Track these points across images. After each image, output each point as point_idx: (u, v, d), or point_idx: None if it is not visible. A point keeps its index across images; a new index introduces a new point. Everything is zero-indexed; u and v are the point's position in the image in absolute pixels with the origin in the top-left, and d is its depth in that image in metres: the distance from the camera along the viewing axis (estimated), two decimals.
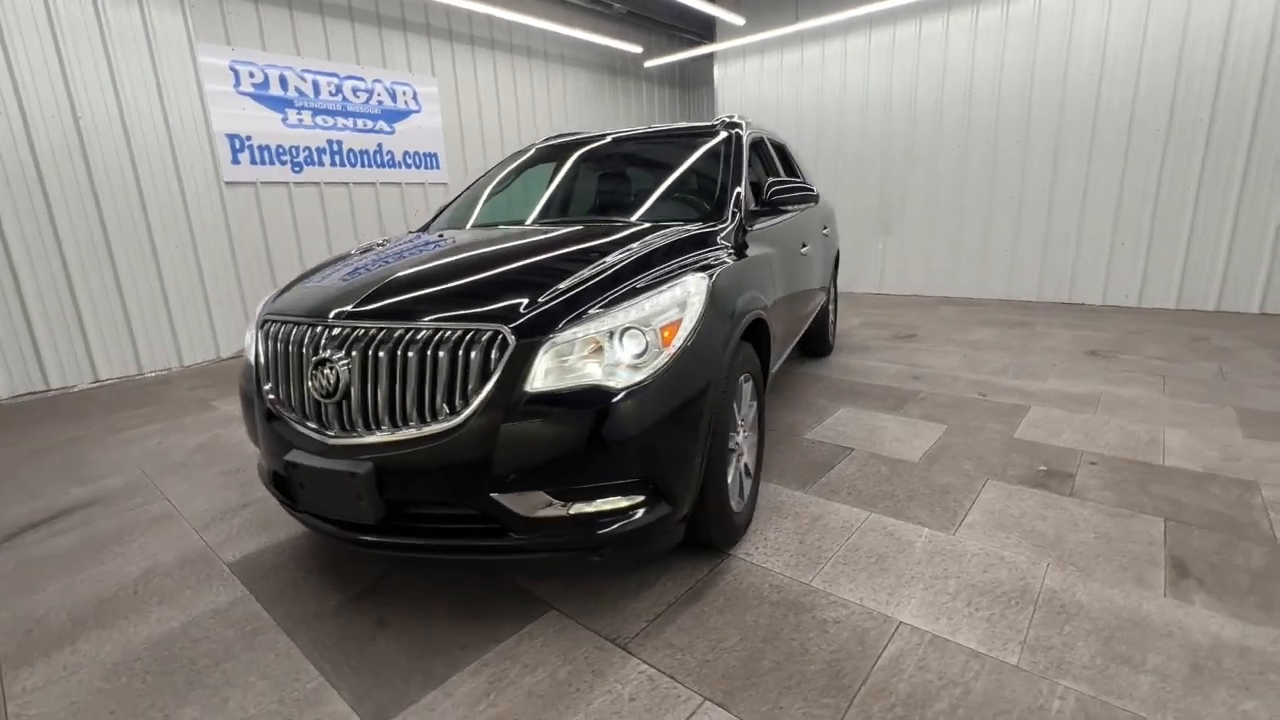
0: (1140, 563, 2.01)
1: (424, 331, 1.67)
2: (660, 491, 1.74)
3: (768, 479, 2.76)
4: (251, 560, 2.28)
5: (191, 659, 1.78)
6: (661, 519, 1.75)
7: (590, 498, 1.67)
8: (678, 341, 1.74)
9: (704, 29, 9.52)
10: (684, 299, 1.82)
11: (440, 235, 2.64)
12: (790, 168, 4.14)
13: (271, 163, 5.96)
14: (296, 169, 6.13)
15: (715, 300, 1.93)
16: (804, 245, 3.37)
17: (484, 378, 1.61)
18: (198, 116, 5.47)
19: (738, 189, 2.63)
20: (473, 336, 1.64)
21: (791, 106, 8.49)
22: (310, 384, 1.74)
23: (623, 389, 1.63)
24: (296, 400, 1.82)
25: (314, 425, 1.76)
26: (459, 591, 2.02)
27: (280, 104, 5.95)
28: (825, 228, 4.25)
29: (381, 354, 1.68)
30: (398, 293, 1.83)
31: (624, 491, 1.69)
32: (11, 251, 4.68)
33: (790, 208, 2.70)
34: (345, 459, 1.67)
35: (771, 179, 2.70)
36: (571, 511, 1.66)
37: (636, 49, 8.77)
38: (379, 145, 6.74)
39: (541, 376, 1.61)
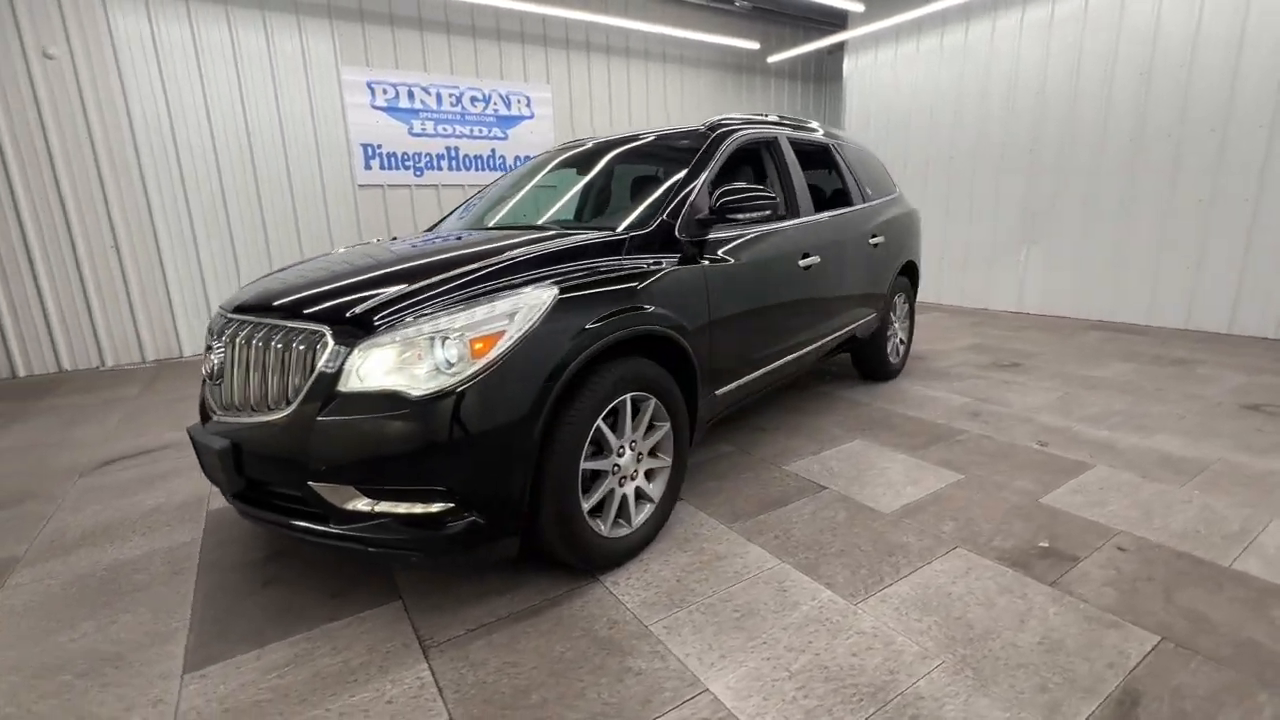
0: (1073, 688, 1.54)
1: (268, 328, 1.84)
2: (469, 503, 1.72)
3: (705, 506, 2.55)
4: (226, 512, 2.67)
5: (122, 583, 2.15)
6: (471, 531, 1.73)
7: (396, 499, 1.71)
8: (494, 353, 1.70)
9: (835, 18, 8.86)
10: (513, 310, 1.77)
11: (395, 238, 2.83)
12: (835, 171, 3.74)
13: (397, 168, 6.78)
14: (418, 173, 6.91)
15: (564, 313, 1.85)
16: (806, 257, 3.03)
17: (308, 374, 1.73)
18: (339, 129, 6.42)
19: (683, 195, 2.46)
20: (303, 335, 1.77)
21: (926, 97, 7.58)
22: (203, 367, 2.01)
23: (424, 396, 1.64)
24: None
25: (211, 403, 2.03)
26: (344, 569, 2.18)
27: (407, 115, 6.74)
28: (877, 236, 3.76)
29: (240, 345, 1.88)
30: (282, 292, 2.02)
31: (429, 498, 1.71)
32: (199, 243, 5.92)
33: (742, 216, 2.45)
34: (216, 435, 1.90)
35: (724, 187, 2.48)
36: (378, 509, 1.72)
37: (753, 45, 8.46)
38: (492, 150, 7.33)
39: (354, 377, 1.68)
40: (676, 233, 2.37)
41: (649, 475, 2.26)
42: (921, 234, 4.67)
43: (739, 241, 2.68)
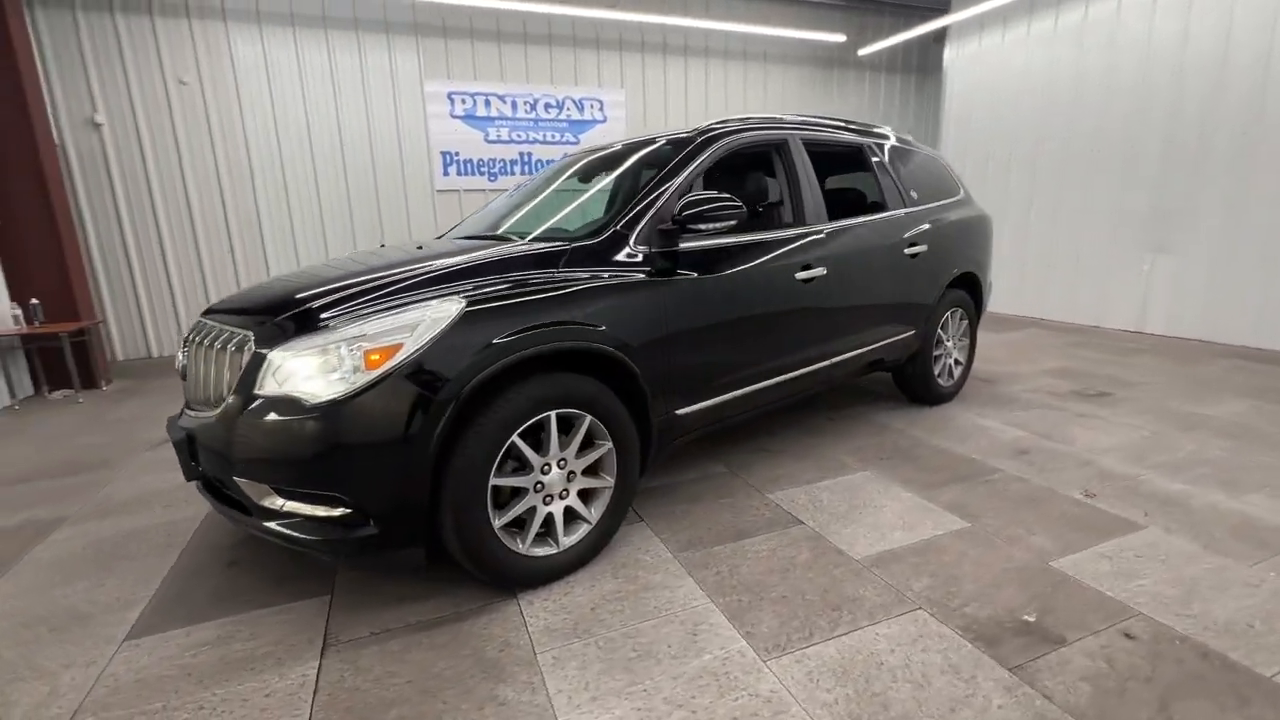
0: None
1: (217, 331, 1.99)
2: (365, 511, 1.75)
3: (663, 531, 2.43)
4: None
5: (127, 549, 2.43)
6: (369, 538, 1.77)
7: (302, 500, 1.78)
8: (389, 364, 1.72)
9: (935, 3, 8.11)
10: (415, 323, 1.77)
11: (382, 245, 2.94)
12: (870, 174, 3.40)
13: (473, 174, 7.14)
14: (492, 178, 7.23)
15: (470, 327, 1.82)
16: (808, 269, 2.78)
17: (235, 375, 1.85)
18: (421, 138, 6.87)
19: (644, 204, 2.34)
20: (237, 339, 1.89)
21: (1038, 85, 6.73)
22: (175, 364, 2.22)
23: (318, 403, 1.69)
24: None
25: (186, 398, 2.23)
26: (300, 559, 2.32)
27: (483, 123, 7.08)
28: (916, 246, 3.38)
29: (196, 345, 2.05)
30: (242, 298, 2.17)
31: (330, 502, 1.76)
32: (298, 248, 6.61)
33: (705, 226, 2.27)
34: (179, 427, 2.09)
35: (689, 196, 2.32)
36: (284, 508, 1.80)
37: (839, 38, 7.95)
38: (564, 155, 7.50)
39: (269, 380, 1.77)
40: (633, 243, 2.27)
41: (585, 495, 2.19)
42: (991, 240, 4.14)
43: (718, 252, 2.52)
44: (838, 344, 3.03)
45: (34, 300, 4.72)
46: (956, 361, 3.98)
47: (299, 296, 1.96)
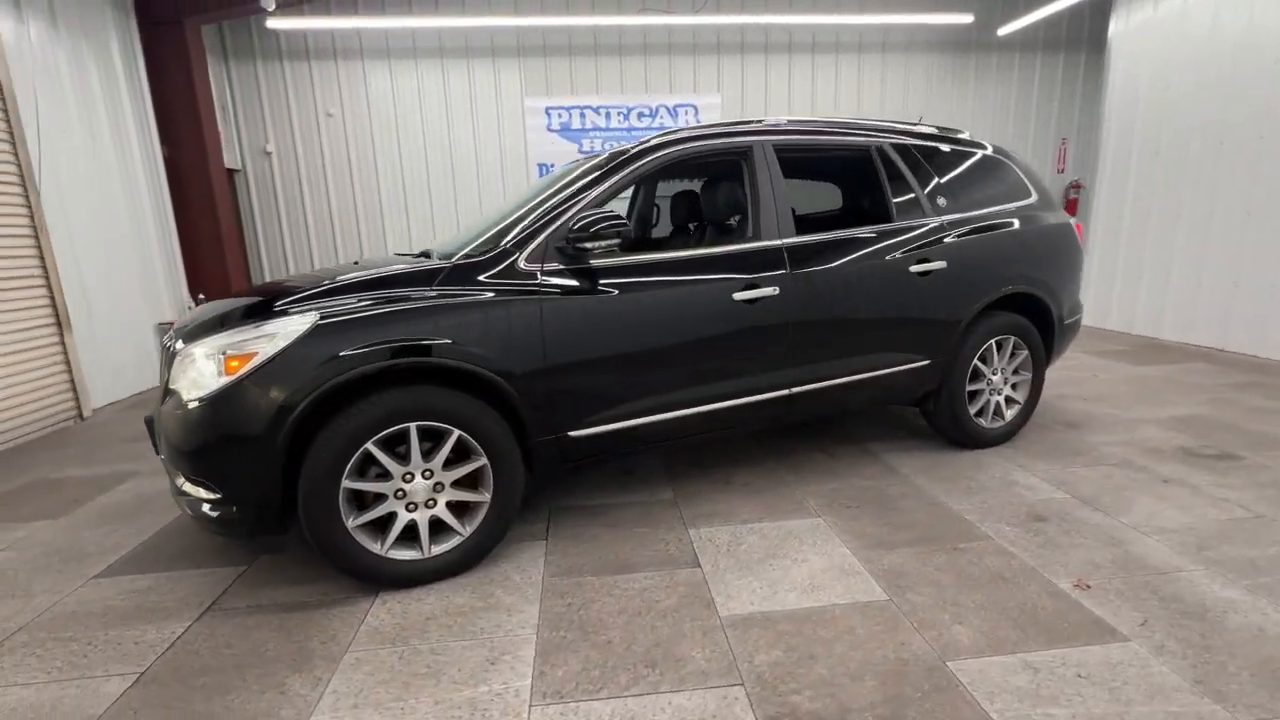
0: None
1: (169, 333, 2.37)
2: (229, 499, 1.98)
3: (556, 551, 2.39)
4: None
5: (153, 505, 2.99)
6: (233, 522, 2.00)
7: (189, 482, 2.07)
8: (244, 370, 1.92)
9: None
10: (271, 334, 1.95)
11: (355, 261, 3.18)
12: (878, 180, 2.98)
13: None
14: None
15: (320, 340, 1.96)
16: (752, 288, 2.52)
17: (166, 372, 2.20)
18: (520, 151, 7.38)
19: (538, 222, 2.31)
20: (172, 341, 2.24)
21: (1228, 61, 5.29)
22: None
23: (189, 400, 1.96)
24: None
25: None
26: None
27: (577, 135, 7.39)
28: (928, 262, 2.88)
29: (163, 344, 2.46)
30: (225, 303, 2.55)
31: (204, 486, 2.02)
32: (414, 250, 7.47)
33: (590, 245, 2.15)
34: (150, 413, 2.52)
35: (582, 213, 2.23)
36: (183, 487, 2.10)
37: (964, 18, 6.95)
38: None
39: (176, 378, 2.08)
40: (524, 261, 2.26)
41: (461, 508, 2.24)
42: (1070, 255, 3.38)
43: (640, 269, 2.41)
44: (802, 372, 2.71)
45: (201, 295, 5.94)
46: (1008, 400, 3.32)
47: (226, 307, 2.27)
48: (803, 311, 2.65)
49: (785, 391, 2.70)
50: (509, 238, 2.31)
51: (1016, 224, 3.19)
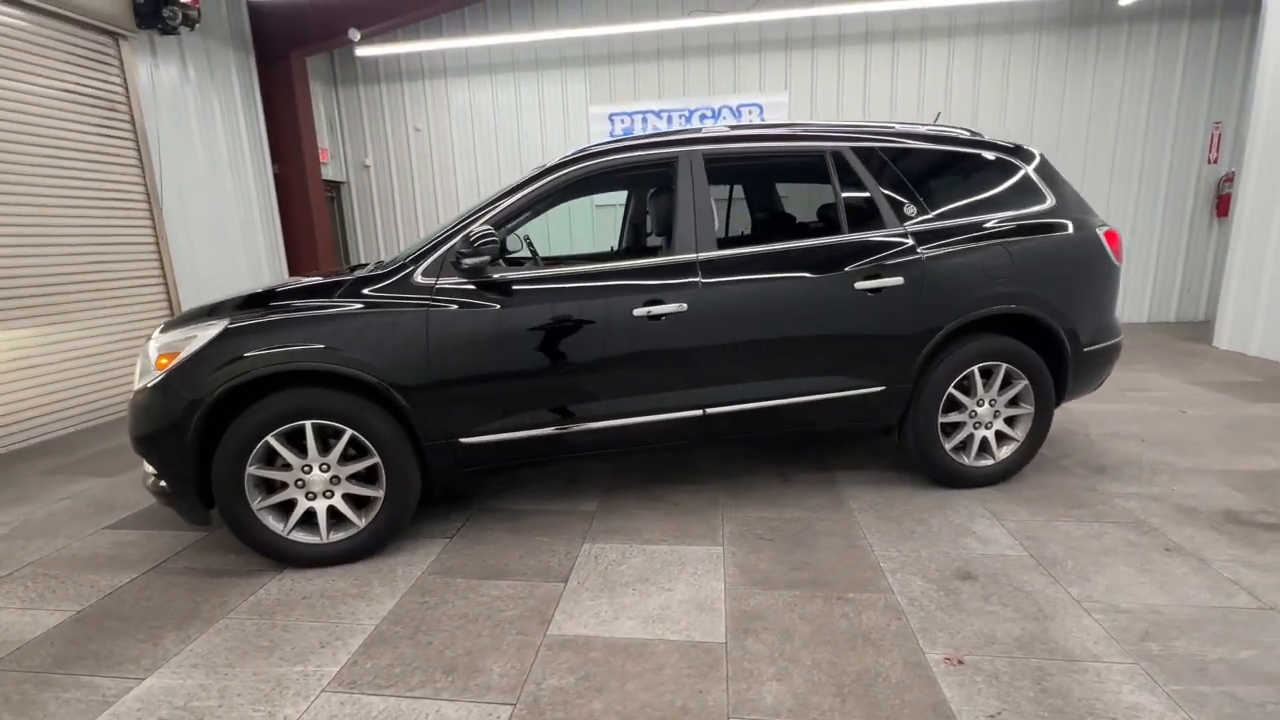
0: None
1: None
2: (163, 476, 2.34)
3: (452, 551, 2.51)
4: None
5: None
6: (167, 495, 2.36)
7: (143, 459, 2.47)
8: (169, 367, 2.25)
9: None
10: (189, 337, 2.26)
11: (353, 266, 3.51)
12: (835, 187, 2.74)
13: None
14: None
15: (225, 344, 2.23)
16: (656, 304, 2.44)
17: None
18: None
19: (435, 241, 2.45)
20: None
21: None
22: None
23: (135, 388, 2.33)
24: None
25: None
26: None
27: None
28: (877, 279, 2.59)
29: None
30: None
31: (148, 462, 2.39)
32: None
33: (467, 262, 2.20)
34: None
35: (472, 229, 2.30)
36: (146, 468, 2.50)
37: None
38: None
39: (137, 367, 2.48)
40: (420, 275, 2.40)
41: (359, 501, 2.43)
42: (1094, 271, 2.85)
43: (534, 284, 2.47)
44: (718, 392, 2.58)
45: None
46: (1001, 436, 2.90)
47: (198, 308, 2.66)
48: (716, 329, 2.53)
49: (697, 412, 2.59)
50: (414, 252, 2.47)
51: (1016, 235, 2.76)
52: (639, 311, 2.47)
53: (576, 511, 2.85)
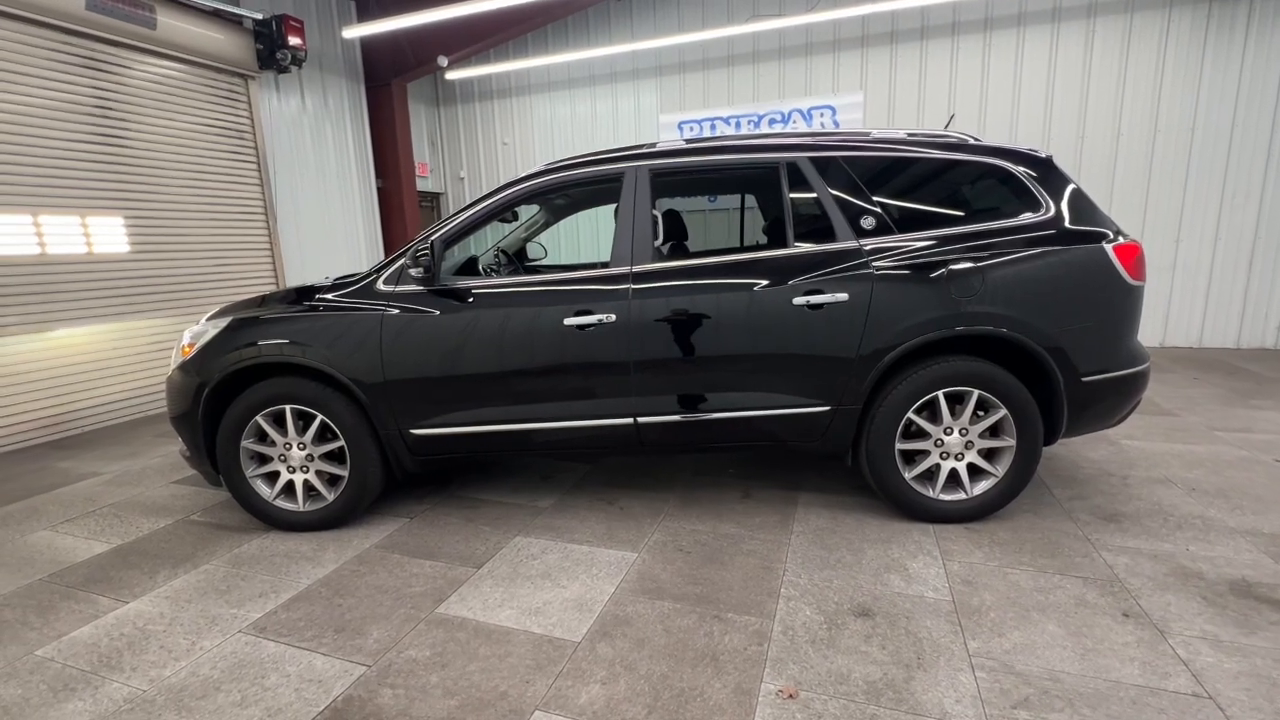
0: None
1: None
2: (185, 445, 2.86)
3: (402, 534, 2.81)
4: None
5: None
6: (189, 459, 2.88)
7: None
8: (189, 355, 2.75)
9: None
10: (204, 331, 2.75)
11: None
12: (785, 200, 2.66)
13: (694, 196, 7.62)
14: (712, 200, 7.56)
15: (226, 339, 2.69)
16: (584, 315, 2.54)
17: None
18: None
19: (398, 253, 2.72)
20: None
21: None
22: None
23: (169, 373, 2.88)
24: None
25: None
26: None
27: None
28: (822, 294, 2.47)
29: None
30: None
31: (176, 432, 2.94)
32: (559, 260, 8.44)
33: (415, 270, 2.42)
34: None
35: (418, 244, 2.54)
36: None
37: None
38: None
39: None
40: (381, 283, 2.71)
41: (333, 479, 2.80)
42: (1098, 291, 2.50)
43: (491, 292, 2.69)
44: (649, 403, 2.62)
45: None
46: (975, 470, 2.63)
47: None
48: (646, 340, 2.58)
49: (629, 420, 2.66)
50: (383, 261, 2.80)
51: (993, 249, 2.51)
52: (569, 321, 2.59)
53: (530, 506, 3.03)
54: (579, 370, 2.64)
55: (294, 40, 5.74)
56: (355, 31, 6.07)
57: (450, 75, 7.59)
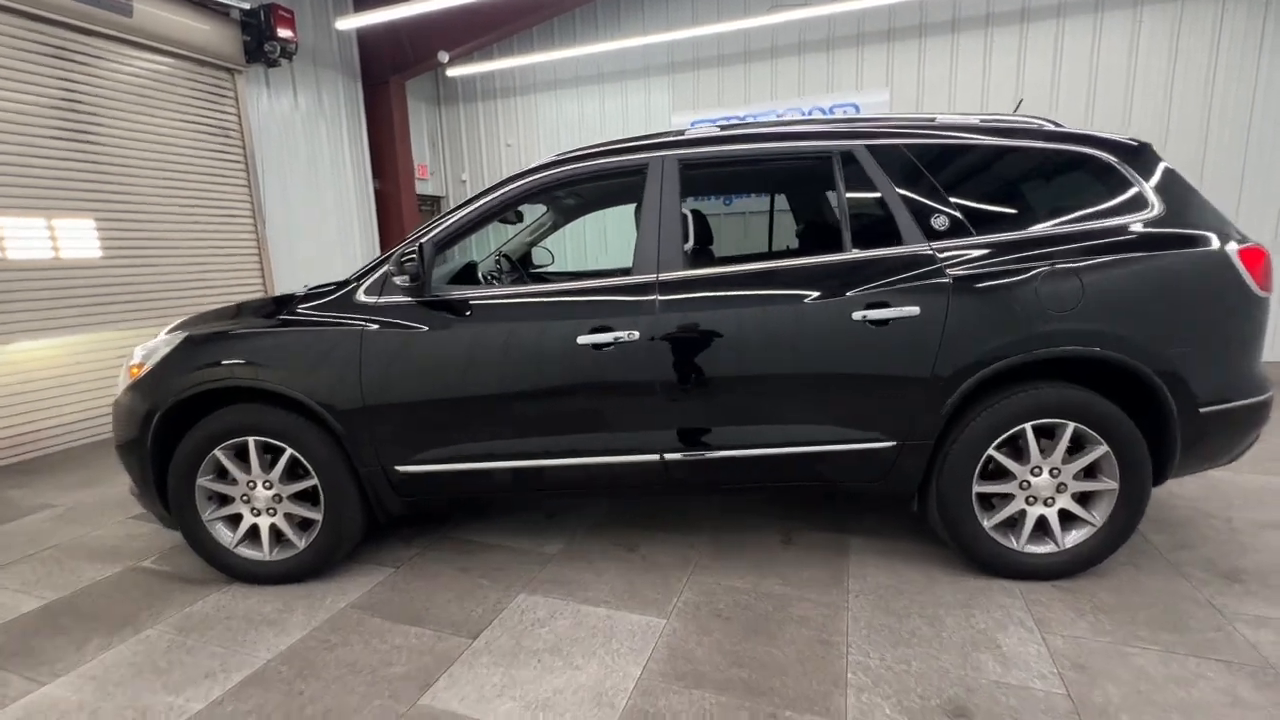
0: None
1: None
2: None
3: (385, 585, 2.38)
4: None
5: None
6: (138, 497, 2.47)
7: None
8: (136, 378, 2.34)
9: None
10: (150, 351, 2.34)
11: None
12: (850, 196, 2.25)
13: (708, 198, 7.23)
14: (727, 202, 7.16)
15: (185, 354, 2.28)
16: (602, 331, 2.12)
17: None
18: None
19: (380, 259, 2.32)
20: None
21: None
22: None
23: (117, 395, 2.46)
24: None
25: None
26: None
27: None
28: (886, 308, 2.05)
29: None
30: None
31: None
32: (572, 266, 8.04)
33: (399, 279, 2.01)
34: None
35: (404, 247, 2.13)
36: None
37: None
38: None
39: None
40: (363, 293, 2.30)
41: (304, 522, 2.38)
42: (1222, 303, 2.08)
43: (492, 304, 2.28)
44: (678, 436, 2.20)
45: None
46: (1067, 516, 2.20)
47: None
48: (676, 362, 2.16)
49: (655, 457, 2.23)
50: (365, 267, 2.39)
51: (1095, 253, 2.08)
52: (583, 339, 2.17)
53: (536, 553, 2.60)
54: (595, 397, 2.22)
55: (284, 32, 5.36)
56: (349, 22, 5.70)
57: (451, 72, 7.22)
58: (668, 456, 2.23)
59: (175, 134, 5.02)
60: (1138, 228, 2.12)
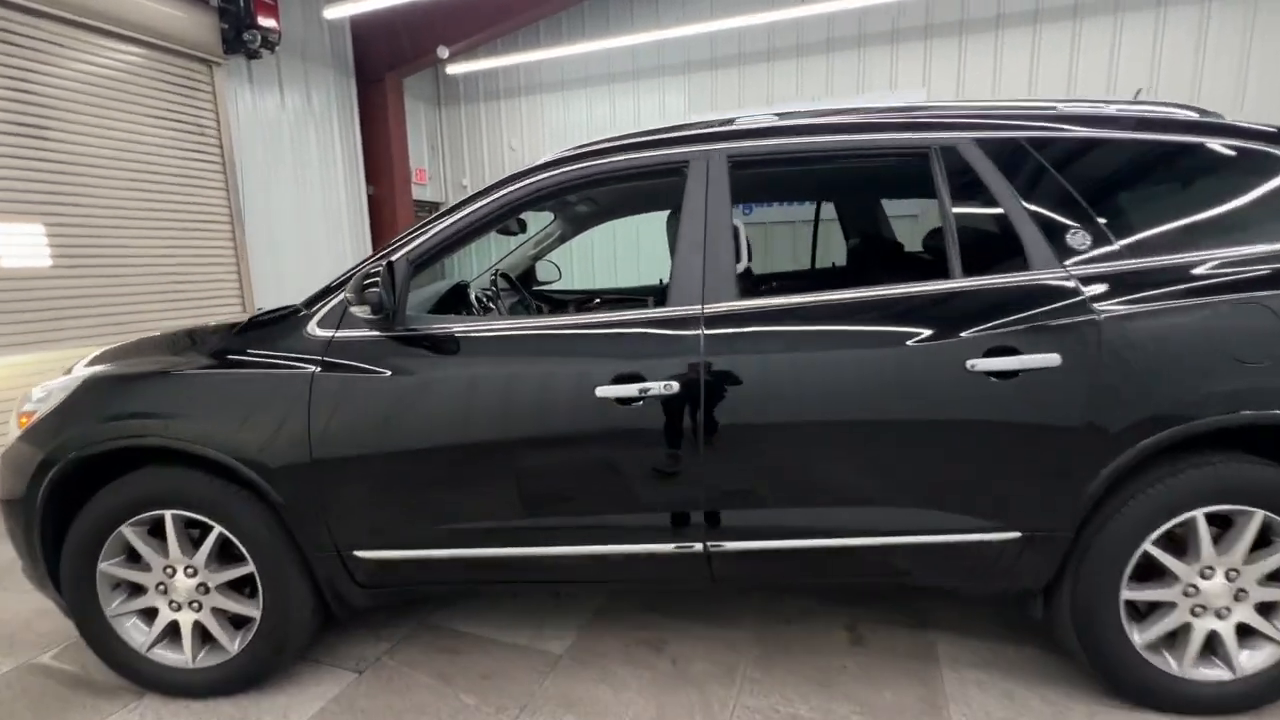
0: None
1: None
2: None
3: (342, 704, 1.84)
4: None
5: None
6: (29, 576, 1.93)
7: None
8: (26, 429, 1.81)
9: None
10: (45, 394, 1.81)
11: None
12: (954, 205, 1.72)
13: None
14: (747, 210, 6.64)
15: (79, 403, 1.75)
16: (631, 381, 1.59)
17: None
18: None
19: (338, 280, 1.79)
20: None
21: None
22: None
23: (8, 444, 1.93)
24: None
25: None
26: None
27: None
28: (1013, 355, 1.52)
29: None
30: None
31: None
32: (594, 273, 7.53)
33: (358, 308, 1.48)
34: None
35: (372, 266, 1.60)
36: None
37: None
38: None
39: None
40: (315, 325, 1.77)
41: (237, 619, 1.84)
42: None
43: (482, 338, 1.75)
44: (728, 519, 1.66)
45: None
46: (1248, 632, 1.65)
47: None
48: (726, 423, 1.62)
49: (695, 546, 1.69)
50: (320, 290, 1.86)
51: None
52: (604, 391, 1.63)
53: (538, 651, 2.05)
54: (617, 468, 1.68)
55: (266, 20, 4.88)
56: (338, 11, 5.22)
57: (451, 69, 6.74)
58: (711, 546, 1.69)
59: (142, 131, 4.52)
60: None
